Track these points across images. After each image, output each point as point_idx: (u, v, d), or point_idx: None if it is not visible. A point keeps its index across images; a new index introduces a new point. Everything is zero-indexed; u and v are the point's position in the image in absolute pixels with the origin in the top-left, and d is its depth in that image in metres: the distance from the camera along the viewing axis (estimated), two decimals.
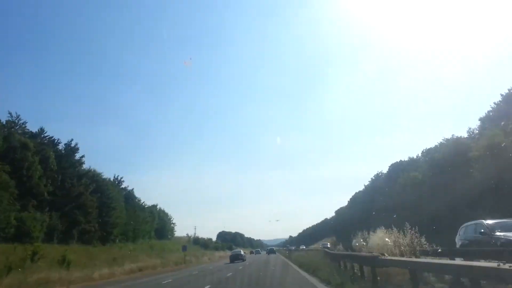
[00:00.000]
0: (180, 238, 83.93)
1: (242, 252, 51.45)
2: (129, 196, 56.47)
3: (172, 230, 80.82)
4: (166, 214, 79.94)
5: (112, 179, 55.85)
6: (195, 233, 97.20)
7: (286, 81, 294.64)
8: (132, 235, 51.56)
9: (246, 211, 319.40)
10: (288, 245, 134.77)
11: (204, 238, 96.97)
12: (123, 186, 57.80)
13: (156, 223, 70.85)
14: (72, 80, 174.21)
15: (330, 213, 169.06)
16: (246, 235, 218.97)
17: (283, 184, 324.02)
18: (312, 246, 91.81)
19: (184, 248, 47.83)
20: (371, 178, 76.25)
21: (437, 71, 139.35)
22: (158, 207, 78.22)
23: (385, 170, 71.77)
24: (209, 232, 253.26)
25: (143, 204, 61.77)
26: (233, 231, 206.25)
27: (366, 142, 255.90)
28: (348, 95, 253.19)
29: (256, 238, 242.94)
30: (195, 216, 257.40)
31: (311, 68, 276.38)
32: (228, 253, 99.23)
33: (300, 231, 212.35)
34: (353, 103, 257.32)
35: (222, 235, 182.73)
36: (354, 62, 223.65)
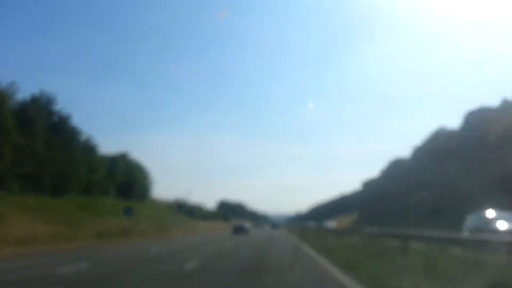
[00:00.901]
0: (158, 201, 63.87)
1: (247, 225, 48.72)
2: (60, 126, 35.59)
3: (146, 189, 60.41)
4: (140, 169, 59.46)
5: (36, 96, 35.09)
6: (183, 198, 77.22)
7: (308, 47, 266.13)
8: (51, 184, 31.06)
9: (252, 183, 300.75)
10: (301, 220, 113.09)
11: (193, 205, 76.76)
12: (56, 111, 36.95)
13: (120, 177, 50.66)
14: (75, 30, 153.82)
15: (344, 190, 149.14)
16: (251, 207, 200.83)
17: (293, 158, 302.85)
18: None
19: (128, 212, 27.53)
20: (426, 137, 53.99)
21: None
22: (131, 157, 58.23)
23: (452, 124, 50.06)
24: (209, 200, 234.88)
25: (88, 142, 40.84)
26: (236, 201, 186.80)
27: (387, 118, 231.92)
28: (374, 64, 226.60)
29: (261, 211, 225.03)
30: (195, 183, 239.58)
31: (338, 33, 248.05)
32: (222, 224, 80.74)
33: (310, 207, 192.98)
34: (376, 73, 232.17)
35: (223, 205, 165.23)
36: (387, 28, 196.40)
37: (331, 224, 47.52)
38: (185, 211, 70.55)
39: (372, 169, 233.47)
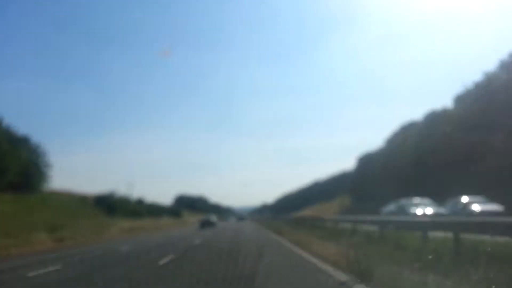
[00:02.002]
0: (53, 194, 42.34)
1: (213, 218, 48.73)
2: None
3: (32, 176, 38.63)
4: (19, 146, 37.76)
5: None
6: (111, 189, 55.39)
7: (269, 44, 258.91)
8: None
9: (214, 177, 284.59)
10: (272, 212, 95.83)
11: (120, 197, 55.00)
12: None
13: None
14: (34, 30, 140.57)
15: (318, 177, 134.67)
16: (214, 200, 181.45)
17: (256, 152, 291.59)
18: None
19: None
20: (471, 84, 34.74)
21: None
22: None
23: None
24: (167, 197, 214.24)
25: None
26: (197, 195, 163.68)
27: (348, 111, 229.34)
28: (336, 61, 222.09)
29: (224, 204, 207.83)
30: (152, 181, 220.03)
31: (297, 33, 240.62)
32: (168, 221, 61.41)
33: (278, 197, 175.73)
34: (339, 70, 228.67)
35: (181, 199, 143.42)
36: (348, 27, 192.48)
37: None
38: (108, 206, 49.43)
39: (342, 160, 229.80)
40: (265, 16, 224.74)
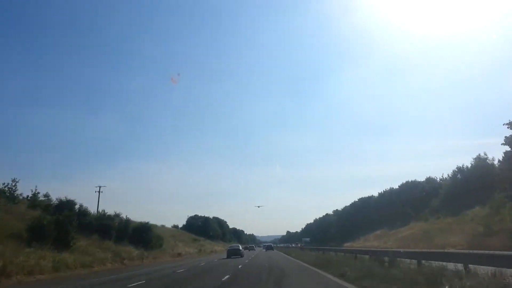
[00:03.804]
0: None
1: (240, 248, 46.57)
2: None
3: None
4: None
5: None
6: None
7: (286, 78, 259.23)
8: None
9: (238, 206, 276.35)
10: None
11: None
12: None
13: None
14: (67, 63, 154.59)
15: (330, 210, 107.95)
16: (234, 226, 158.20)
17: (278, 181, 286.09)
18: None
19: None
20: None
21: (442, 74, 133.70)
22: None
23: None
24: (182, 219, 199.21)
25: None
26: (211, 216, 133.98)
27: (365, 143, 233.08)
28: (349, 94, 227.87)
29: (246, 232, 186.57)
30: (177, 206, 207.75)
31: (310, 66, 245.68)
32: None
33: (307, 224, 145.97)
34: (353, 104, 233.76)
35: (192, 221, 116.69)
36: (356, 62, 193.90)
37: None
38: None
39: (360, 190, 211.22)
40: (280, 51, 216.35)
